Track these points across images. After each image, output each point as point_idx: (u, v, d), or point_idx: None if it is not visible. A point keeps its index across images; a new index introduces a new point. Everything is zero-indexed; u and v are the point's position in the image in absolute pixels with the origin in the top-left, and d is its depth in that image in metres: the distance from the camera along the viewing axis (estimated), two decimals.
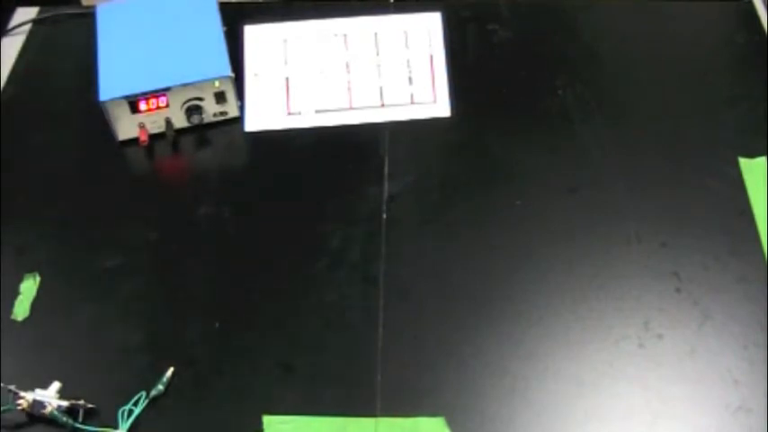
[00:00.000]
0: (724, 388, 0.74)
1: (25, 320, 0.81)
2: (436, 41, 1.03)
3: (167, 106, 0.92)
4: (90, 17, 1.01)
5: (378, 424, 0.73)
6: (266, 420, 0.73)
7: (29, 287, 0.83)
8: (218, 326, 0.80)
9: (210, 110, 0.95)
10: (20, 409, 0.72)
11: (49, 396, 0.73)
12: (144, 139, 0.92)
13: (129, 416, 0.72)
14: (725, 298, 0.80)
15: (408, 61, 1.02)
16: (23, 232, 0.88)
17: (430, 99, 0.98)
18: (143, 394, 0.74)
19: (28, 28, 1.08)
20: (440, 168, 0.92)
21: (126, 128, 0.93)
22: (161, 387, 0.74)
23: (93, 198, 0.91)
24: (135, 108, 0.91)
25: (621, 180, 0.89)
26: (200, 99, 0.93)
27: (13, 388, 0.73)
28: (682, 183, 0.89)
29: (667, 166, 0.90)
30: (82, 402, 0.73)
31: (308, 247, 0.85)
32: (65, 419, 0.72)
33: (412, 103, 0.98)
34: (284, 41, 1.04)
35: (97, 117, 0.91)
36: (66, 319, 0.81)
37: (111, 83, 0.91)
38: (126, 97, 0.90)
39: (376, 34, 1.04)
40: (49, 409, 0.72)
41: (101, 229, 0.88)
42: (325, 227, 0.86)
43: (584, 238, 0.85)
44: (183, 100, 0.93)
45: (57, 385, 0.74)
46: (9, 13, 1.10)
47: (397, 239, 0.85)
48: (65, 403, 0.72)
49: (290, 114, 0.97)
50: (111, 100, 0.90)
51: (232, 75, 0.93)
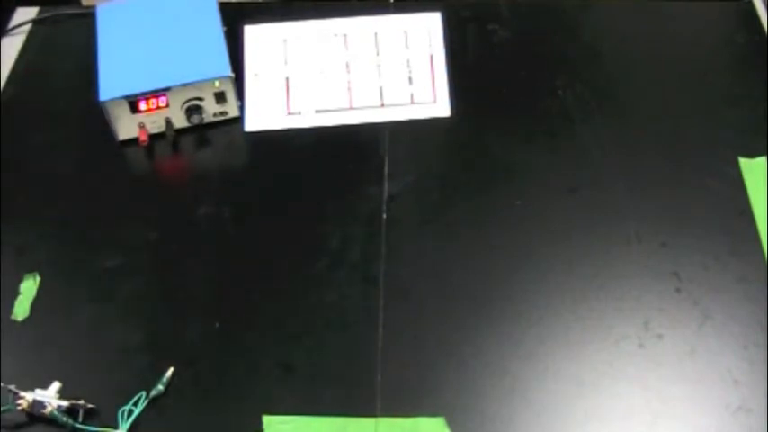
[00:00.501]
0: (724, 388, 0.74)
1: (25, 320, 0.81)
2: (436, 41, 1.03)
3: (167, 106, 0.92)
4: (90, 17, 1.01)
5: (378, 424, 0.73)
6: (266, 420, 0.73)
7: (29, 287, 0.83)
8: (218, 326, 0.80)
9: (210, 110, 0.95)
10: (20, 409, 0.72)
11: (49, 396, 0.73)
12: (144, 139, 0.92)
13: (129, 416, 0.72)
14: (725, 298, 0.80)
15: (408, 61, 1.02)
16: (23, 232, 0.88)
17: (430, 99, 0.98)
18: (143, 394, 0.74)
19: (28, 28, 1.08)
20: (440, 168, 0.92)
21: (126, 128, 0.93)
22: (161, 387, 0.74)
23: (93, 198, 0.91)
24: (135, 108, 0.91)
25: (621, 180, 0.89)
26: (200, 99, 0.93)
27: (13, 388, 0.73)
28: (682, 183, 0.89)
29: (667, 166, 0.90)
30: (82, 402, 0.73)
31: (308, 247, 0.85)
32: (65, 419, 0.72)
33: (412, 103, 0.98)
34: (284, 41, 1.04)
35: (97, 117, 0.91)
36: (67, 319, 0.81)
37: (111, 83, 0.91)
38: (126, 97, 0.90)
39: (376, 34, 1.04)
40: (49, 409, 0.72)
41: (101, 229, 0.88)
42: (326, 227, 0.86)
43: (584, 238, 0.85)
44: (183, 100, 0.93)
45: (57, 385, 0.74)
46: (9, 13, 1.10)
47: (397, 239, 0.85)
48: (65, 403, 0.72)
49: (290, 114, 0.97)
50: (111, 100, 0.90)
51: (232, 75, 0.93)
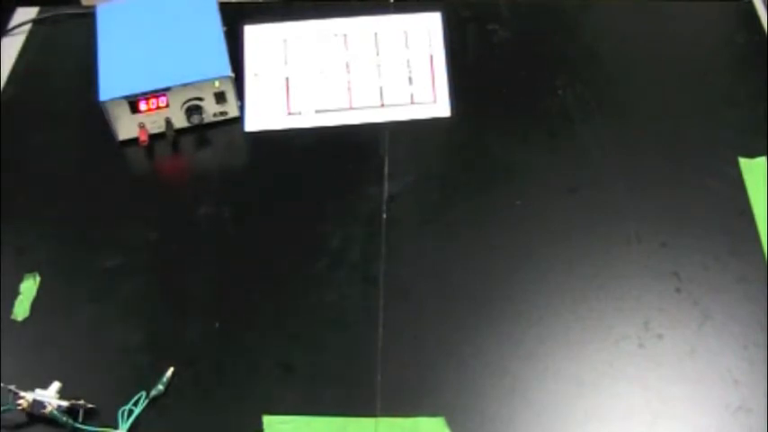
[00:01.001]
0: (724, 388, 0.74)
1: (25, 320, 0.81)
2: (436, 41, 1.03)
3: (167, 106, 0.92)
4: (90, 17, 1.01)
5: (378, 424, 0.73)
6: (266, 420, 0.73)
7: (29, 287, 0.83)
8: (218, 326, 0.80)
9: (210, 110, 0.95)
10: (20, 408, 0.72)
11: (49, 396, 0.73)
12: (144, 139, 0.92)
13: (129, 416, 0.72)
14: (725, 298, 0.80)
15: (408, 61, 1.02)
16: (23, 232, 0.88)
17: (430, 99, 0.98)
18: (143, 394, 0.74)
19: (28, 28, 1.08)
20: (440, 168, 0.92)
21: (126, 128, 0.93)
22: (161, 387, 0.74)
23: (93, 198, 0.91)
24: (135, 108, 0.91)
25: (621, 180, 0.89)
26: (200, 99, 0.93)
27: (13, 388, 0.73)
28: (682, 183, 0.89)
29: (667, 166, 0.90)
30: (82, 402, 0.73)
31: (308, 247, 0.85)
32: (65, 419, 0.72)
33: (412, 103, 0.98)
34: (284, 41, 1.04)
35: (97, 117, 0.91)
36: (67, 319, 0.81)
37: (111, 83, 0.91)
38: (126, 97, 0.90)
39: (376, 34, 1.04)
40: (49, 409, 0.72)
41: (101, 229, 0.88)
42: (326, 227, 0.86)
43: (584, 238, 0.85)
44: (183, 100, 0.93)
45: (57, 385, 0.74)
46: (9, 13, 1.10)
47: (397, 239, 0.85)
48: (65, 403, 0.72)
49: (290, 114, 0.97)
50: (111, 100, 0.90)
51: (232, 75, 0.93)
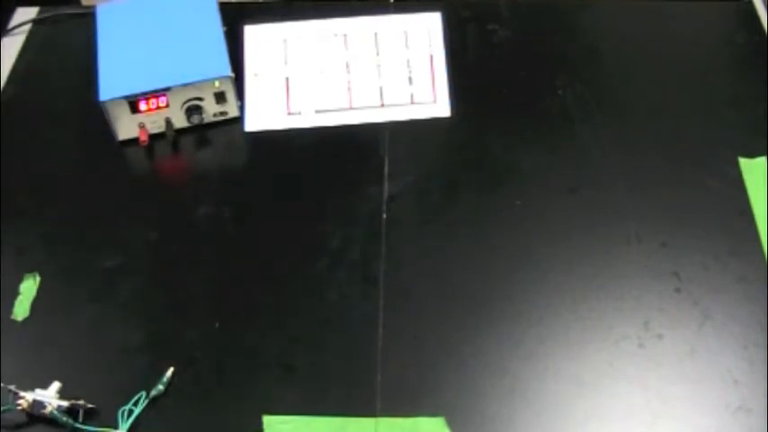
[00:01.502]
0: (724, 388, 0.74)
1: (25, 320, 0.81)
2: (436, 41, 1.03)
3: (167, 106, 0.92)
4: (90, 17, 1.01)
5: (378, 424, 0.73)
6: (266, 420, 0.73)
7: (29, 287, 0.83)
8: (218, 326, 0.80)
9: (210, 110, 0.95)
10: (20, 409, 0.72)
11: (49, 396, 0.73)
12: (144, 139, 0.92)
13: (129, 416, 0.72)
14: (725, 298, 0.80)
15: (408, 61, 1.02)
16: (23, 232, 0.88)
17: (430, 99, 0.98)
18: (143, 394, 0.74)
19: (28, 28, 1.08)
20: (440, 168, 0.92)
21: (126, 128, 0.93)
22: (161, 387, 0.74)
23: (93, 198, 0.91)
24: (135, 108, 0.91)
25: (621, 180, 0.89)
26: (200, 99, 0.93)
27: (13, 388, 0.73)
28: (682, 183, 0.89)
29: (667, 166, 0.90)
30: (82, 402, 0.73)
31: (308, 247, 0.85)
32: (65, 419, 0.72)
33: (412, 103, 0.98)
34: (284, 41, 1.04)
35: (97, 117, 0.91)
36: (66, 319, 0.81)
37: (111, 83, 0.91)
38: (126, 97, 0.90)
39: (376, 34, 1.04)
40: (49, 409, 0.72)
41: (101, 229, 0.88)
42: (326, 227, 0.86)
43: (584, 238, 0.85)
44: (183, 100, 0.93)
45: (57, 385, 0.74)
46: (9, 13, 1.10)
47: (397, 239, 0.85)
48: (65, 403, 0.72)
49: (290, 114, 0.97)
50: (111, 100, 0.90)
51: (232, 75, 0.93)
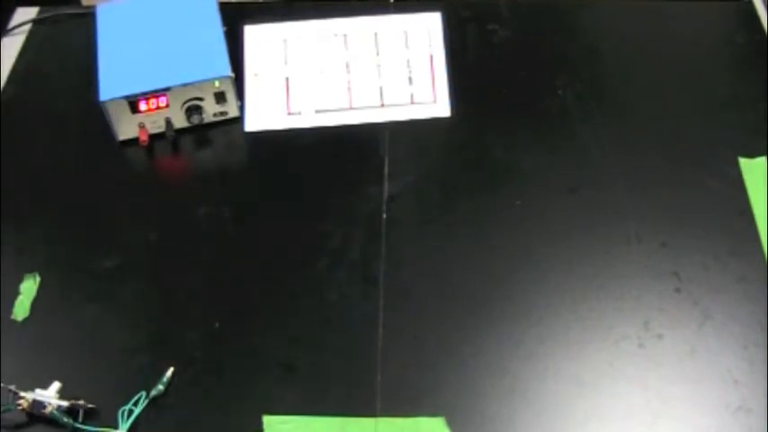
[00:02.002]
0: (724, 388, 0.74)
1: (25, 320, 0.81)
2: (436, 41, 1.03)
3: (167, 106, 0.92)
4: (90, 17, 1.01)
5: (378, 424, 0.73)
6: (266, 420, 0.73)
7: (29, 287, 0.83)
8: (218, 326, 0.80)
9: (210, 110, 0.95)
10: (20, 409, 0.72)
11: (49, 396, 0.73)
12: (144, 139, 0.92)
13: (129, 416, 0.72)
14: (725, 298, 0.80)
15: (408, 61, 1.02)
16: (23, 232, 0.88)
17: (430, 99, 0.98)
18: (143, 394, 0.74)
19: (28, 28, 1.08)
20: (440, 168, 0.92)
21: (126, 128, 0.93)
22: (161, 387, 0.74)
23: (93, 198, 0.91)
24: (135, 108, 0.91)
25: (621, 180, 0.89)
26: (200, 99, 0.93)
27: (13, 388, 0.73)
28: (682, 183, 0.89)
29: (667, 166, 0.90)
30: (82, 402, 0.73)
31: (308, 247, 0.85)
32: (65, 419, 0.72)
33: (412, 103, 0.98)
34: (284, 41, 1.04)
35: (97, 117, 0.91)
36: (66, 319, 0.81)
37: (111, 83, 0.91)
38: (126, 97, 0.90)
39: (376, 34, 1.04)
40: (49, 409, 0.72)
41: (101, 229, 0.88)
42: (326, 227, 0.86)
43: (584, 238, 0.85)
44: (183, 100, 0.93)
45: (57, 385, 0.74)
46: (9, 13, 1.10)
47: (397, 239, 0.85)
48: (65, 403, 0.72)
49: (290, 114, 0.97)
50: (111, 100, 0.90)
51: (232, 75, 0.93)
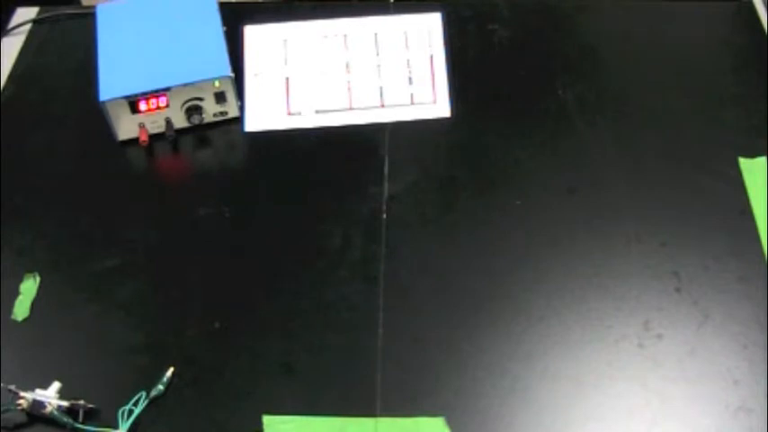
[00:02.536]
0: (724, 388, 0.74)
1: (25, 320, 0.81)
2: (436, 41, 1.03)
3: (167, 106, 0.92)
4: (90, 17, 1.01)
5: (378, 424, 0.73)
6: (266, 420, 0.73)
7: (29, 287, 0.83)
8: (218, 326, 0.80)
9: (210, 110, 0.95)
10: (20, 409, 0.72)
11: (49, 396, 0.73)
12: (144, 139, 0.92)
13: (129, 416, 0.72)
14: (725, 298, 0.80)
15: (408, 61, 1.02)
16: (23, 232, 0.88)
17: (430, 99, 0.98)
18: (143, 394, 0.74)
19: (28, 28, 1.08)
20: (440, 168, 0.92)
21: (126, 128, 0.93)
22: (161, 387, 0.74)
23: (93, 198, 0.91)
24: (135, 108, 0.91)
25: (621, 180, 0.89)
26: (200, 99, 0.93)
27: (13, 388, 0.73)
28: (682, 183, 0.89)
29: (667, 166, 0.90)
30: (82, 402, 0.73)
31: (308, 247, 0.85)
32: (65, 419, 0.72)
33: (412, 104, 0.98)
34: (284, 41, 1.04)
35: (97, 117, 0.91)
36: (66, 319, 0.81)
37: (111, 83, 0.91)
38: (126, 97, 0.90)
39: (376, 34, 1.04)
40: (49, 409, 0.72)
41: (101, 229, 0.88)
42: (325, 227, 0.86)
43: (584, 238, 0.85)
44: (183, 100, 0.93)
45: (57, 385, 0.74)
46: (9, 13, 1.10)
47: (397, 239, 0.85)
48: (65, 403, 0.72)
49: (290, 114, 0.97)
50: (111, 100, 0.90)
51: (232, 75, 0.93)
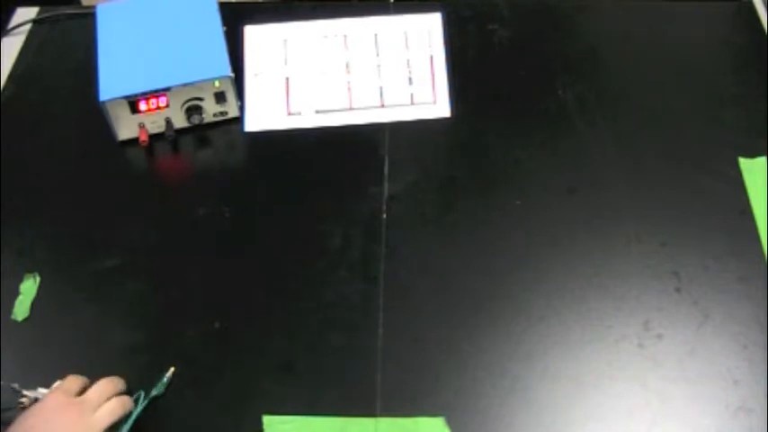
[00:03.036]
0: (724, 388, 0.74)
1: (25, 320, 0.81)
2: (436, 41, 1.03)
3: (167, 106, 0.92)
4: (90, 17, 1.01)
5: (378, 424, 0.73)
6: (266, 420, 0.73)
7: (29, 287, 0.83)
8: (218, 326, 0.80)
9: (210, 110, 0.95)
10: (21, 407, 0.72)
11: None
12: (144, 139, 0.92)
13: (129, 416, 0.72)
14: (725, 298, 0.80)
15: (408, 62, 1.02)
16: (23, 232, 0.88)
17: (430, 99, 0.98)
18: (142, 394, 0.74)
19: (28, 28, 1.08)
20: (440, 168, 0.92)
21: (126, 128, 0.93)
22: (161, 387, 0.75)
23: (93, 198, 0.91)
24: (135, 108, 0.91)
25: (621, 180, 0.89)
26: (200, 99, 0.93)
27: (16, 386, 0.73)
28: (682, 183, 0.89)
29: (667, 166, 0.90)
30: None
31: (308, 247, 0.85)
32: None
33: (412, 104, 0.98)
34: (284, 41, 1.04)
35: (97, 117, 0.91)
36: (66, 319, 0.81)
37: (111, 83, 0.91)
38: (126, 97, 0.90)
39: (376, 35, 1.04)
40: None
41: (101, 229, 0.88)
42: (326, 227, 0.87)
43: (584, 238, 0.85)
44: (183, 100, 0.93)
45: (59, 384, 0.74)
46: (9, 14, 1.10)
47: (397, 239, 0.85)
48: None
49: (290, 114, 0.97)
50: (111, 100, 0.90)
51: (232, 75, 0.93)
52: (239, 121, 0.97)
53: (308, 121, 0.97)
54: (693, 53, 1.02)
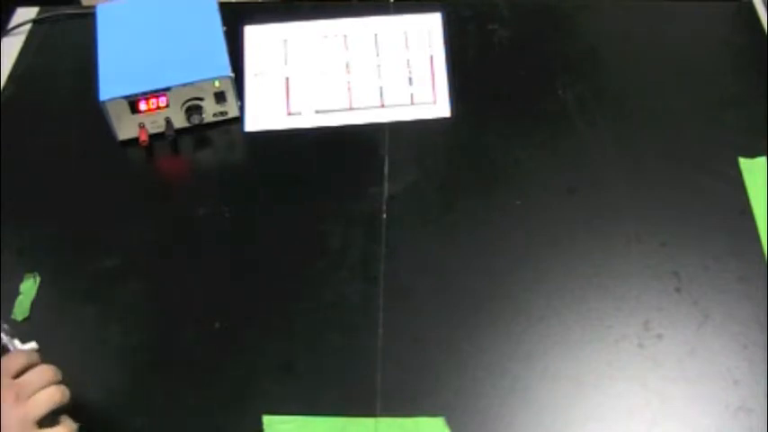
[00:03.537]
0: (724, 388, 0.74)
1: (25, 320, 0.81)
2: (436, 41, 1.03)
3: (167, 106, 0.92)
4: (90, 17, 1.01)
5: (378, 424, 0.73)
6: (266, 420, 0.73)
7: (29, 287, 0.83)
8: (218, 326, 0.80)
9: (210, 110, 0.95)
10: None
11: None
12: (144, 139, 0.92)
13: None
14: (725, 298, 0.80)
15: (408, 62, 1.02)
16: (23, 233, 0.88)
17: (430, 99, 0.98)
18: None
19: (28, 28, 1.08)
20: (440, 168, 0.92)
21: (126, 128, 0.93)
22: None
23: (93, 198, 0.91)
24: (135, 108, 0.91)
25: (621, 180, 0.89)
26: (200, 99, 0.93)
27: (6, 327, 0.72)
28: (682, 183, 0.89)
29: (667, 166, 0.90)
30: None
31: (308, 247, 0.85)
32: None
33: (412, 104, 0.98)
34: (284, 41, 1.04)
35: (97, 117, 0.91)
36: (66, 319, 0.81)
37: (111, 83, 0.91)
38: (126, 97, 0.90)
39: (376, 35, 1.04)
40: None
41: (101, 229, 0.88)
42: (326, 227, 0.86)
43: (584, 238, 0.85)
44: (183, 100, 0.93)
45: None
46: (9, 13, 1.10)
47: (397, 239, 0.85)
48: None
49: (290, 114, 0.97)
50: (111, 100, 0.90)
51: (232, 75, 0.93)
52: (239, 121, 0.97)
53: (308, 121, 0.97)
54: (693, 53, 1.02)
